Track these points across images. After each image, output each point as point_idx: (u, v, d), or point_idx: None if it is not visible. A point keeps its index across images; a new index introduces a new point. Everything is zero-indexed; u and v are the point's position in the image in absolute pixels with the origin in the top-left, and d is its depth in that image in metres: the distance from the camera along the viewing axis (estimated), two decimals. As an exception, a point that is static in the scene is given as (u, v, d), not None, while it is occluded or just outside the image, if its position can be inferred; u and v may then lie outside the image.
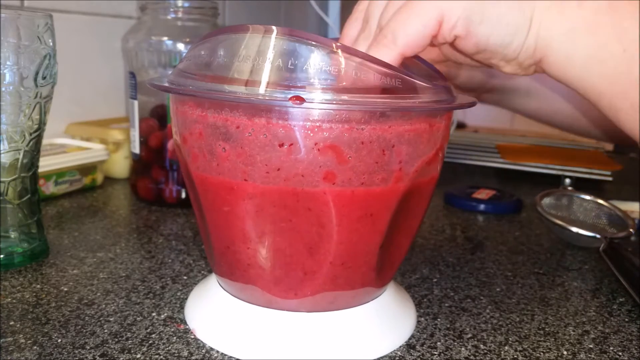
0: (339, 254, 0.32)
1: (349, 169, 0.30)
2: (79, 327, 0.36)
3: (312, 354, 0.33)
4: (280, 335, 0.34)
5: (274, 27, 0.31)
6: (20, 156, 0.44)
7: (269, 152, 0.30)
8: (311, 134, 0.29)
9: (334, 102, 0.29)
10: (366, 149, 0.30)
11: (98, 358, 0.33)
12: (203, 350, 0.34)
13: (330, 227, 0.31)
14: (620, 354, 0.36)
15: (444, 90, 0.34)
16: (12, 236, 0.45)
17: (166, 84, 0.33)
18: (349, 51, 0.31)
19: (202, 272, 0.45)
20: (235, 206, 0.32)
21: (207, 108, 0.31)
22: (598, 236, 0.52)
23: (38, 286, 0.42)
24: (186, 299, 0.40)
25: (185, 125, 0.33)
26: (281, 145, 0.30)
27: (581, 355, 0.35)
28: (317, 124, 0.29)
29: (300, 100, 0.28)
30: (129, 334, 0.35)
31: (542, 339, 0.37)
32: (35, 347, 0.33)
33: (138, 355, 0.33)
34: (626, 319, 0.41)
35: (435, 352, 0.35)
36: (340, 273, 0.33)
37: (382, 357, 0.34)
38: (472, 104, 0.33)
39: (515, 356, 0.35)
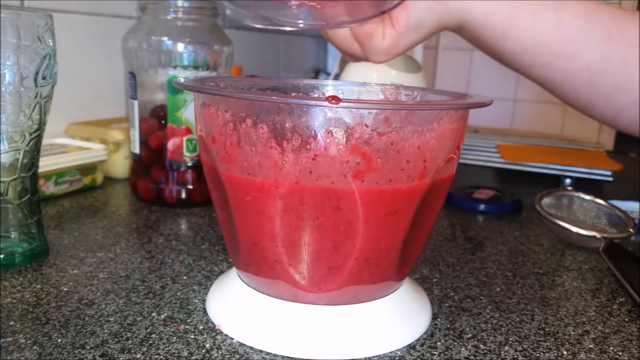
0: (364, 250, 0.33)
1: (378, 169, 0.31)
2: (79, 327, 0.36)
3: (336, 345, 0.34)
4: (306, 327, 0.35)
5: None
6: (20, 156, 0.44)
7: (300, 153, 0.31)
8: (343, 135, 0.31)
9: (368, 102, 0.31)
10: (395, 149, 0.31)
11: (98, 358, 0.33)
12: (203, 350, 0.34)
13: (357, 225, 0.32)
14: (620, 354, 0.36)
15: (459, 97, 0.38)
16: (12, 236, 0.45)
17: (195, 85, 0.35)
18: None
19: (202, 272, 0.45)
20: (265, 205, 0.33)
21: (240, 110, 0.32)
22: (598, 236, 0.52)
23: (38, 286, 0.42)
24: (186, 299, 0.41)
25: (215, 126, 0.34)
26: (313, 146, 0.31)
27: (581, 355, 0.35)
28: (349, 125, 0.31)
29: (337, 100, 0.29)
30: (129, 334, 0.35)
31: (542, 339, 0.37)
32: (35, 347, 0.33)
33: (138, 355, 0.33)
34: (626, 319, 0.41)
35: (435, 352, 0.35)
36: (364, 268, 0.34)
37: (385, 355, 0.34)
38: (488, 103, 0.34)
39: (515, 356, 0.35)
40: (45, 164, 0.60)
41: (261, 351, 0.34)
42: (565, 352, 0.36)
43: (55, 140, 0.71)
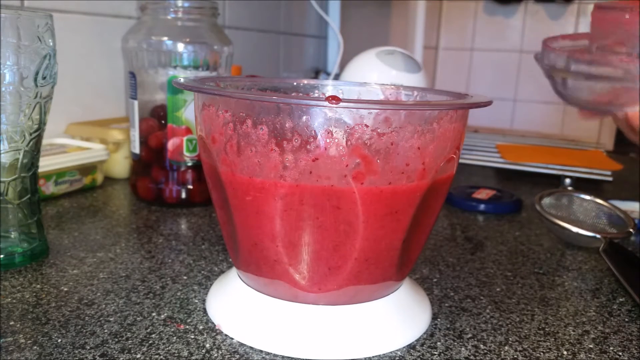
0: (364, 250, 0.34)
1: (378, 169, 0.31)
2: (79, 327, 0.36)
3: (336, 345, 0.34)
4: (306, 327, 0.35)
5: None
6: (20, 156, 0.44)
7: (300, 153, 0.31)
8: (343, 135, 0.31)
9: (368, 102, 0.32)
10: (395, 150, 0.31)
11: (98, 358, 0.33)
12: (203, 350, 0.34)
13: (357, 225, 0.33)
14: (620, 354, 0.36)
15: (459, 97, 0.38)
16: (12, 236, 0.45)
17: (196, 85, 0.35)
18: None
19: (202, 272, 0.45)
20: (265, 205, 0.33)
21: (240, 110, 0.32)
22: (598, 236, 0.52)
23: (38, 286, 0.42)
24: (186, 299, 0.41)
25: (215, 126, 0.34)
26: (313, 146, 0.31)
27: (581, 355, 0.36)
28: (349, 125, 0.31)
29: (337, 100, 0.29)
30: (129, 334, 0.35)
31: (542, 339, 0.37)
32: (35, 347, 0.33)
33: (138, 355, 0.33)
34: (626, 319, 0.41)
35: (435, 352, 0.35)
36: (364, 268, 0.34)
37: (385, 355, 0.34)
38: (488, 103, 0.35)
39: (515, 356, 0.35)
40: (45, 164, 0.60)
41: (261, 351, 0.34)
42: (565, 352, 0.36)
43: (55, 140, 0.71)
